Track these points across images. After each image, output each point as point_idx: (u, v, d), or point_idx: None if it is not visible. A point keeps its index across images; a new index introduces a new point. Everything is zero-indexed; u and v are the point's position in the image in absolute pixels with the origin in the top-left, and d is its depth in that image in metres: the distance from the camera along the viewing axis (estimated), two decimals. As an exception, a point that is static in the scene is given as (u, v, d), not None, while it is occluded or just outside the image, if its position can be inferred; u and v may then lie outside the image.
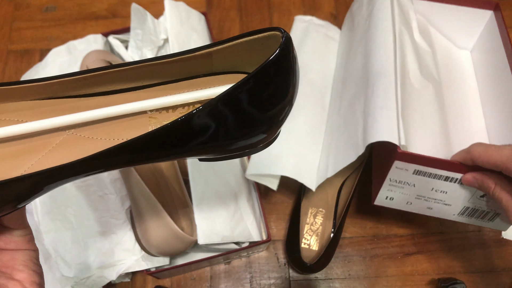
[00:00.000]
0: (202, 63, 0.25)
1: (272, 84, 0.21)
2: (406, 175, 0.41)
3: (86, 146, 0.23)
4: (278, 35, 0.21)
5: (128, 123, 0.24)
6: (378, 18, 0.51)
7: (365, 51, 0.50)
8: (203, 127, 0.21)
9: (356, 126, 0.45)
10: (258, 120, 0.22)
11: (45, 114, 0.24)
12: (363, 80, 0.48)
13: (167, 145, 0.22)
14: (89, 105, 0.25)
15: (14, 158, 0.23)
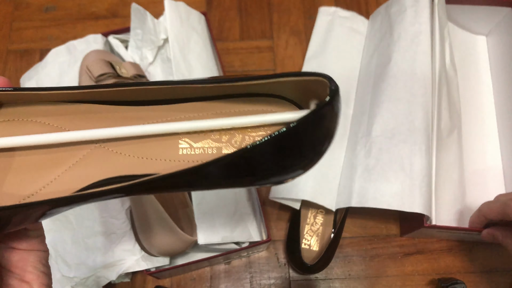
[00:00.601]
0: (240, 89, 0.24)
1: (319, 129, 0.21)
2: (432, 233, 0.51)
3: (113, 161, 0.23)
4: (326, 83, 0.21)
5: (158, 142, 0.23)
6: (421, 48, 0.52)
7: (404, 86, 0.50)
8: (248, 163, 0.21)
9: (395, 180, 0.47)
10: (299, 160, 0.22)
11: (73, 119, 0.23)
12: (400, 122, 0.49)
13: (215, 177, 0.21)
14: (119, 114, 0.24)
15: (40, 168, 0.22)
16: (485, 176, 0.55)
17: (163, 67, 0.58)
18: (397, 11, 0.56)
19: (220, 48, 0.66)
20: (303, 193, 0.50)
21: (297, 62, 0.65)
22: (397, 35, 0.54)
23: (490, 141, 0.57)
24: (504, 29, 0.58)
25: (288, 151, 0.21)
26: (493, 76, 0.61)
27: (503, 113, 0.57)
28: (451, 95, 0.52)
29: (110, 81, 0.51)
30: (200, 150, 0.23)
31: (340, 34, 0.62)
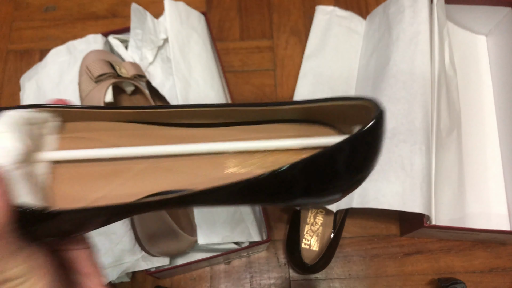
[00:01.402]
0: (286, 112, 0.25)
1: (359, 154, 0.22)
2: (432, 232, 0.51)
3: (166, 176, 0.24)
4: (372, 107, 0.22)
5: (208, 160, 0.25)
6: (420, 48, 0.52)
7: (404, 86, 0.50)
8: (288, 183, 0.22)
9: (394, 177, 0.46)
10: (337, 183, 0.22)
11: (130, 138, 0.25)
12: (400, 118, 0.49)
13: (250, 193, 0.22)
14: (172, 135, 0.26)
15: (99, 178, 0.24)
16: (485, 176, 0.55)
17: (163, 67, 0.58)
18: (396, 11, 0.56)
19: (220, 48, 0.66)
20: None
21: (297, 62, 0.65)
22: (396, 35, 0.54)
23: (490, 141, 0.57)
24: (504, 29, 0.58)
25: (326, 174, 0.22)
26: (493, 76, 0.61)
27: (503, 113, 0.57)
28: (451, 95, 0.52)
29: (110, 81, 0.51)
30: (245, 169, 0.25)
31: (338, 33, 0.62)
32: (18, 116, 0.22)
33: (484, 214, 0.53)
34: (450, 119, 0.51)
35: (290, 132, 0.26)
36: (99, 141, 0.26)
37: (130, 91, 0.55)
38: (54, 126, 0.25)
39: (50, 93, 0.57)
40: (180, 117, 0.26)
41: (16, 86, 0.64)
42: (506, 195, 0.54)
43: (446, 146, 0.50)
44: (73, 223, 0.22)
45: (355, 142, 0.21)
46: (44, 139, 0.25)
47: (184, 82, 0.54)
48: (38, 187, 0.23)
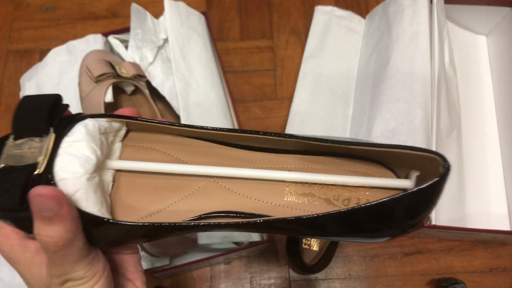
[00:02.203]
0: (344, 149, 0.25)
1: (422, 204, 0.22)
2: (432, 232, 0.50)
3: (225, 197, 0.25)
4: (439, 161, 0.22)
5: (267, 186, 0.25)
6: (420, 48, 0.52)
7: (404, 86, 0.50)
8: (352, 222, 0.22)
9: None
10: (395, 226, 0.23)
11: (192, 153, 0.26)
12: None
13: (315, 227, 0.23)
14: (232, 155, 0.26)
15: (160, 191, 0.25)
16: (485, 176, 0.55)
17: (163, 67, 0.58)
18: (395, 11, 0.56)
19: (220, 48, 0.66)
20: None
21: (297, 62, 0.65)
22: (396, 35, 0.54)
23: (490, 141, 0.57)
24: (504, 29, 0.58)
25: (385, 218, 0.22)
26: (493, 76, 0.61)
27: (503, 113, 0.57)
28: (451, 95, 0.52)
29: (110, 81, 0.51)
30: (303, 199, 0.25)
31: (337, 33, 0.62)
32: (93, 125, 0.23)
33: (484, 214, 0.53)
34: (450, 119, 0.51)
35: (346, 167, 0.26)
36: (161, 153, 0.26)
37: (130, 91, 0.55)
38: (122, 135, 0.26)
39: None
40: (243, 140, 0.26)
41: (16, 86, 0.64)
42: (506, 195, 0.54)
43: (446, 146, 0.50)
44: (134, 235, 0.23)
45: (422, 192, 0.22)
46: (112, 147, 0.25)
47: (184, 82, 0.54)
48: (105, 196, 0.23)
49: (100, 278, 0.22)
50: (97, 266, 0.22)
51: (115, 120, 0.24)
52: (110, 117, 0.24)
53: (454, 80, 0.53)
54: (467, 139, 0.56)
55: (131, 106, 0.56)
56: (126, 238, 0.23)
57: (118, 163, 0.25)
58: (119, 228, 0.22)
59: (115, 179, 0.25)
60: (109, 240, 0.23)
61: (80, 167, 0.21)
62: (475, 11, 0.59)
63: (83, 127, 0.22)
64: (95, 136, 0.23)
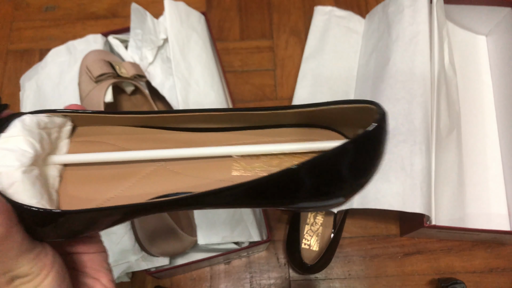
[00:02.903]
0: (291, 116, 0.26)
1: (364, 156, 0.22)
2: (432, 233, 0.51)
3: (173, 179, 0.25)
4: (375, 110, 0.22)
5: (214, 164, 0.26)
6: (420, 48, 0.52)
7: (403, 86, 0.50)
8: (291, 185, 0.22)
9: (394, 179, 0.46)
10: (339, 187, 0.23)
11: (138, 142, 0.26)
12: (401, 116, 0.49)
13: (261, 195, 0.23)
14: (179, 138, 0.27)
15: (108, 181, 0.25)
16: (485, 176, 0.55)
17: (163, 67, 0.58)
18: (395, 11, 0.56)
19: (220, 48, 0.66)
20: None
21: (297, 62, 0.65)
22: (395, 35, 0.54)
23: (490, 141, 0.57)
24: (504, 29, 0.58)
25: (329, 177, 0.22)
26: (493, 76, 0.61)
27: (503, 113, 0.57)
28: (450, 95, 0.52)
29: (110, 81, 0.51)
30: (251, 172, 0.25)
31: (337, 33, 0.62)
32: (30, 120, 0.23)
33: (484, 214, 0.53)
34: (449, 119, 0.51)
35: (294, 136, 0.26)
36: (109, 145, 0.26)
37: (130, 91, 0.55)
38: (68, 131, 0.26)
39: (50, 93, 0.57)
40: (187, 121, 0.26)
41: (16, 86, 0.64)
42: (506, 195, 0.54)
43: (446, 146, 0.50)
44: (79, 223, 0.23)
45: (358, 144, 0.21)
46: (59, 143, 0.26)
47: (184, 82, 0.54)
48: (47, 189, 0.23)
49: (48, 273, 0.22)
50: (44, 261, 0.22)
51: (56, 115, 0.25)
52: (48, 112, 0.24)
53: (454, 80, 0.53)
54: (467, 139, 0.56)
55: (131, 106, 0.56)
56: (70, 228, 0.23)
57: (61, 157, 0.25)
58: (62, 219, 0.22)
59: (62, 175, 0.25)
60: (56, 233, 0.23)
61: (16, 160, 0.21)
62: (475, 11, 0.59)
63: (20, 123, 0.23)
64: (33, 130, 0.23)
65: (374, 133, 0.21)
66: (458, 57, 0.59)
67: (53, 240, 0.23)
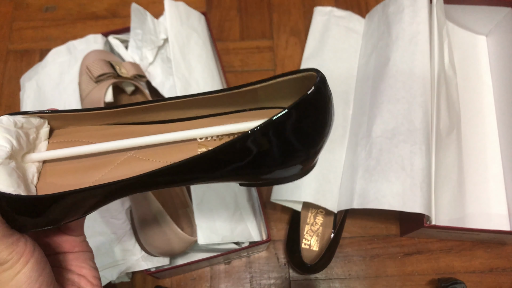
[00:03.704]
0: (248, 98, 0.28)
1: (307, 119, 0.23)
2: (432, 233, 0.51)
3: (143, 166, 0.27)
4: (314, 75, 0.24)
5: (180, 148, 0.28)
6: (420, 48, 0.52)
7: (403, 86, 0.50)
8: (242, 154, 0.24)
9: (395, 179, 0.46)
10: (293, 151, 0.24)
11: (110, 137, 0.28)
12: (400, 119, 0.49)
13: (209, 168, 0.25)
14: (149, 131, 0.29)
15: (84, 171, 0.27)
16: (485, 176, 0.55)
17: (163, 67, 0.58)
18: (395, 11, 0.56)
19: (220, 48, 0.66)
20: (305, 195, 0.50)
21: (297, 62, 0.65)
22: (395, 35, 0.54)
23: (490, 141, 0.57)
24: (504, 29, 0.58)
25: (277, 144, 0.23)
26: (493, 76, 0.61)
27: (503, 113, 0.57)
28: (450, 95, 0.52)
29: (110, 81, 0.51)
30: None
31: (336, 34, 0.62)
32: (7, 120, 0.25)
33: (484, 214, 0.53)
34: (449, 119, 0.51)
35: (256, 117, 0.28)
36: (82, 143, 0.29)
37: (130, 91, 0.55)
38: (46, 133, 0.28)
39: (50, 93, 0.57)
40: (155, 111, 0.28)
41: (16, 86, 0.64)
42: (506, 195, 0.54)
43: (445, 146, 0.50)
44: (56, 208, 0.24)
45: (299, 109, 0.22)
46: (37, 144, 0.28)
47: (184, 82, 0.54)
48: (26, 183, 0.25)
49: (28, 261, 0.22)
50: (23, 248, 0.22)
51: (32, 116, 0.27)
52: (25, 113, 0.26)
53: (454, 80, 0.53)
54: (467, 139, 0.56)
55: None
56: (48, 214, 0.24)
57: (38, 155, 0.27)
58: (40, 203, 0.24)
59: (41, 172, 0.27)
60: (35, 222, 0.24)
61: None
62: (475, 11, 0.59)
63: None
64: (9, 128, 0.25)
65: (313, 96, 0.23)
66: (458, 57, 0.59)
67: (34, 230, 0.25)
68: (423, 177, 0.46)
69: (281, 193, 0.51)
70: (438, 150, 0.49)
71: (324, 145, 0.26)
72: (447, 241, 0.54)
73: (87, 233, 0.50)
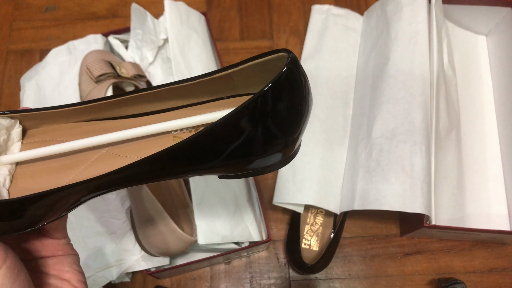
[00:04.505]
0: (224, 85, 0.26)
1: (281, 103, 0.22)
2: (432, 232, 0.51)
3: (117, 163, 0.26)
4: (285, 56, 0.22)
5: (154, 142, 0.26)
6: (419, 48, 0.52)
7: (403, 86, 0.50)
8: (216, 145, 0.23)
9: (396, 180, 0.46)
10: (270, 138, 0.23)
11: (84, 134, 0.27)
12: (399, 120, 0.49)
13: (184, 161, 0.23)
14: (122, 126, 0.27)
15: (58, 171, 0.26)
16: (485, 176, 0.55)
17: (163, 67, 0.58)
18: (393, 9, 0.56)
19: (220, 48, 0.66)
20: (307, 198, 0.50)
21: (297, 62, 0.65)
22: (394, 34, 0.54)
23: (490, 141, 0.57)
24: (504, 29, 0.58)
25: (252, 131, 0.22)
26: (493, 76, 0.61)
27: (503, 113, 0.57)
28: (450, 95, 0.52)
29: (110, 81, 0.51)
30: None
31: (335, 32, 0.61)
32: None
33: (484, 214, 0.53)
34: (449, 119, 0.51)
35: (231, 105, 0.27)
36: (56, 142, 0.27)
37: (130, 91, 0.55)
38: (18, 133, 0.27)
39: (50, 93, 0.57)
40: (127, 104, 0.27)
41: (16, 86, 0.64)
42: (506, 195, 0.54)
43: (445, 146, 0.50)
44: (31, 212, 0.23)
45: (271, 91, 0.21)
46: (10, 145, 0.27)
47: (184, 82, 0.54)
48: None
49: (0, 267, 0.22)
50: None
51: (2, 117, 0.26)
52: None
53: (453, 80, 0.53)
54: (467, 139, 0.56)
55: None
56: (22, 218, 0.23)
57: (9, 157, 0.26)
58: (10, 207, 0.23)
59: (13, 174, 0.26)
60: (5, 227, 0.23)
61: None
62: (475, 11, 0.59)
63: None
64: None
65: (285, 79, 0.21)
66: (458, 57, 0.59)
67: (9, 234, 0.24)
68: (423, 177, 0.46)
69: (283, 196, 0.51)
70: (437, 150, 0.49)
71: (303, 130, 0.25)
72: (447, 241, 0.54)
73: (87, 233, 0.50)
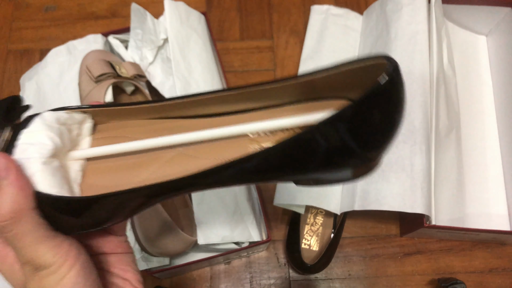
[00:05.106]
0: (306, 89, 0.25)
1: (376, 115, 0.19)
2: (432, 233, 0.51)
3: (191, 163, 0.25)
4: (384, 63, 0.19)
5: (230, 144, 0.26)
6: (419, 48, 0.51)
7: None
8: (299, 153, 0.21)
9: (396, 180, 0.46)
10: (354, 152, 0.20)
11: (155, 132, 0.27)
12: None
13: (263, 168, 0.22)
14: (195, 125, 0.27)
15: (128, 169, 0.26)
16: (485, 176, 0.55)
17: (163, 67, 0.58)
18: (393, 9, 0.56)
19: (220, 48, 0.66)
20: (308, 199, 0.50)
21: (297, 62, 0.65)
22: (394, 33, 0.54)
23: (490, 141, 0.57)
24: (504, 29, 0.58)
25: (335, 143, 0.20)
26: (493, 76, 0.61)
27: (503, 113, 0.57)
28: (449, 95, 0.52)
29: (110, 81, 0.51)
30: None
31: (335, 32, 0.61)
32: (50, 116, 0.24)
33: (484, 214, 0.53)
34: (448, 119, 0.51)
35: (313, 110, 0.25)
36: (127, 138, 0.27)
37: (130, 91, 0.55)
38: (89, 128, 0.27)
39: (50, 93, 0.57)
40: (202, 104, 0.26)
41: (16, 86, 0.64)
42: (506, 195, 0.54)
43: (445, 146, 0.50)
44: (101, 209, 0.23)
45: (370, 100, 0.18)
46: (80, 140, 0.27)
47: (184, 82, 0.54)
48: (69, 182, 0.24)
49: (73, 265, 0.21)
50: (67, 251, 0.21)
51: (75, 111, 0.26)
52: (67, 109, 0.25)
53: (453, 80, 0.53)
54: (467, 139, 0.56)
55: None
56: (93, 215, 0.23)
57: (82, 152, 0.25)
58: (84, 205, 0.23)
59: (85, 170, 0.26)
60: (80, 223, 0.23)
61: (35, 152, 0.22)
62: (475, 11, 0.59)
63: (40, 119, 0.24)
64: (52, 126, 0.24)
65: (385, 90, 0.18)
66: (458, 57, 0.59)
67: (79, 232, 0.23)
68: (423, 177, 0.46)
69: (284, 197, 0.51)
70: (437, 150, 0.49)
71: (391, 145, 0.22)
72: (447, 241, 0.54)
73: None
